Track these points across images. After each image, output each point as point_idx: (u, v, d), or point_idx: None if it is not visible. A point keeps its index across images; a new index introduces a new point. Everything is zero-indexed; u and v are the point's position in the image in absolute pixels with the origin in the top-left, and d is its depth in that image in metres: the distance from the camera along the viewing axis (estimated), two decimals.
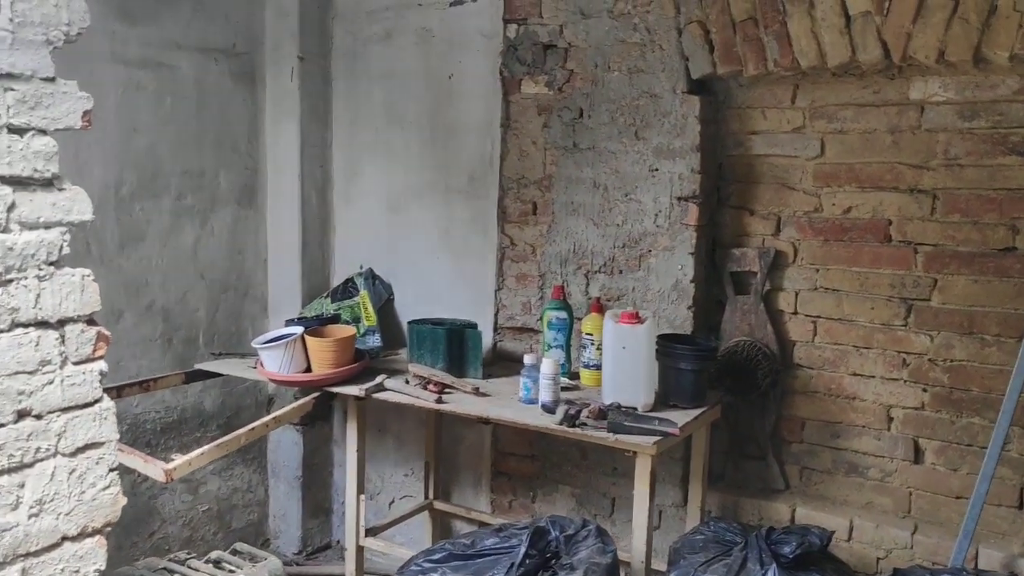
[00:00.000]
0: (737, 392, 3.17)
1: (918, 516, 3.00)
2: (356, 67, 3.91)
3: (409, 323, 3.39)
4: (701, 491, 3.14)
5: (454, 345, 3.25)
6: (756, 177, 3.19)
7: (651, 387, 2.84)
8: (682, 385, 2.91)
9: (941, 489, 2.96)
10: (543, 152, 3.45)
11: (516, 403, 2.94)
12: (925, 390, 2.96)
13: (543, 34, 3.40)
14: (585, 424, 2.66)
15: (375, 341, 3.66)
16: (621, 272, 3.31)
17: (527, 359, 2.96)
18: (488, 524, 3.30)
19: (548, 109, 3.42)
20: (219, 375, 3.49)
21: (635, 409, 2.78)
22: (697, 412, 2.86)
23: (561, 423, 2.68)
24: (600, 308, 3.19)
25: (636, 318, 2.83)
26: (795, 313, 3.17)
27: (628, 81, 3.23)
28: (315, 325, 3.34)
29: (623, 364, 2.82)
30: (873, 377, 3.04)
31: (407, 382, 3.11)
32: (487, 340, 3.47)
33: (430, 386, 3.04)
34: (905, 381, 2.99)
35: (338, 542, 4.10)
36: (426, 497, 3.78)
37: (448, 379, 3.09)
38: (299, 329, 3.21)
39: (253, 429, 2.89)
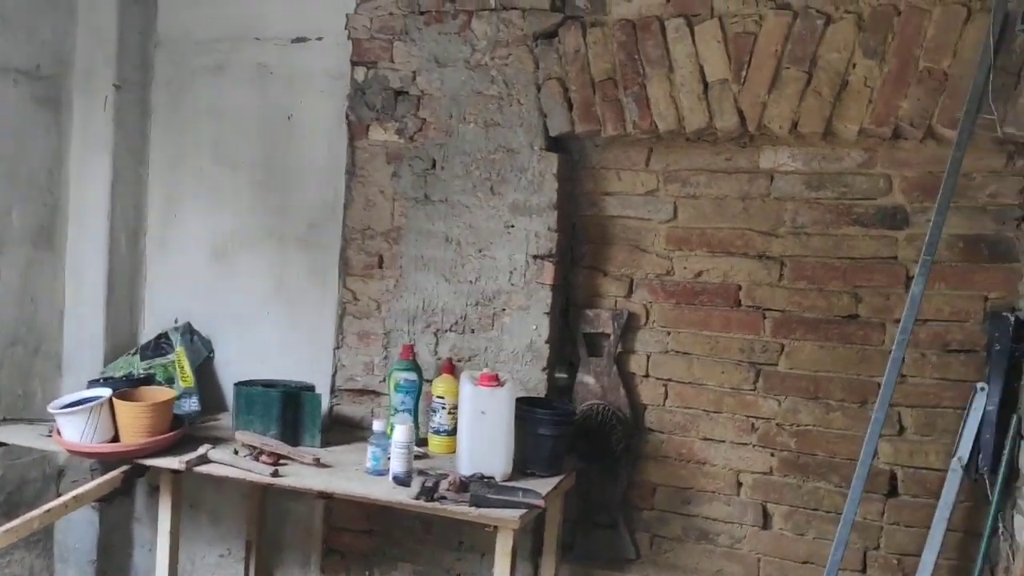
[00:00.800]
0: (591, 458, 3.06)
1: None
2: (181, 100, 3.56)
3: (236, 385, 3.04)
4: (554, 565, 2.98)
5: (288, 410, 2.94)
6: (610, 238, 3.14)
7: (510, 455, 2.67)
8: (540, 452, 2.76)
9: (789, 555, 2.97)
10: (391, 202, 3.25)
11: (363, 475, 2.67)
12: (773, 455, 2.97)
13: (394, 79, 3.23)
14: (445, 497, 2.44)
15: (192, 405, 3.26)
16: (473, 331, 3.14)
17: (376, 425, 2.70)
18: None
19: (398, 158, 3.23)
20: (2, 444, 2.96)
21: (494, 479, 2.59)
22: (556, 480, 2.72)
23: (418, 497, 2.44)
24: (452, 369, 3.01)
25: (496, 380, 2.66)
26: (647, 376, 3.12)
27: (485, 134, 3.11)
28: (125, 387, 2.92)
29: (481, 430, 2.63)
30: (723, 442, 3.03)
31: (235, 452, 2.76)
32: (323, 403, 3.17)
33: (263, 457, 2.71)
34: (754, 446, 2.99)
35: None
36: None
37: (283, 448, 2.77)
38: (106, 392, 2.78)
39: (49, 511, 2.44)
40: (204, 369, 3.45)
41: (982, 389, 2.60)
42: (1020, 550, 2.44)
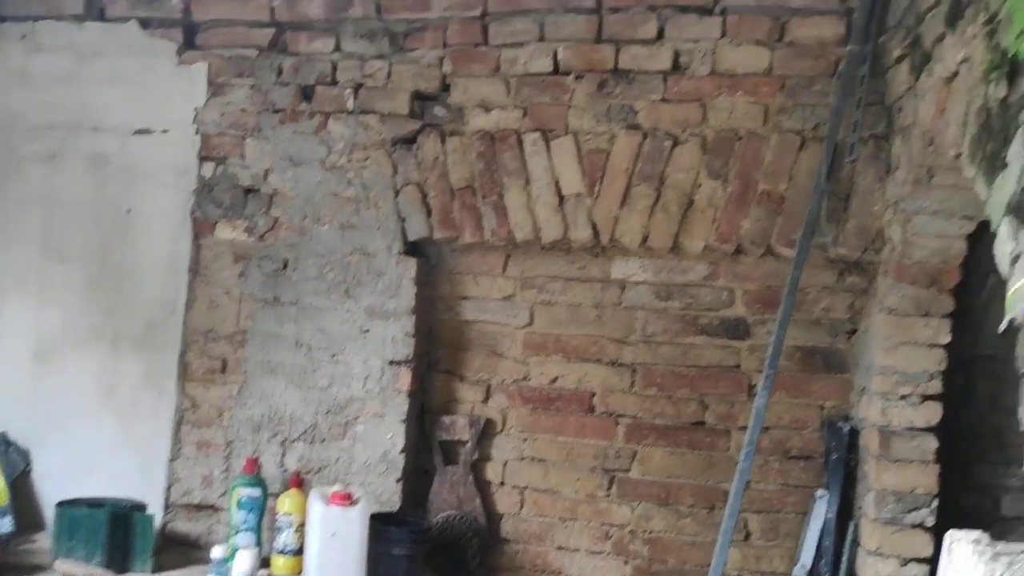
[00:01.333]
0: (446, 573, 2.96)
1: None
2: (6, 188, 3.29)
3: (58, 505, 2.77)
4: None
5: (117, 532, 2.70)
6: (467, 343, 3.12)
7: None
8: (393, 572, 2.64)
9: None
10: (237, 304, 3.11)
11: None
12: (627, 563, 2.98)
13: (245, 177, 3.12)
14: None
15: (6, 525, 2.93)
16: (324, 441, 3.01)
17: (215, 552, 2.51)
18: None
19: (246, 257, 3.10)
20: None
21: None
22: None
23: None
24: (300, 483, 2.86)
25: (348, 499, 2.55)
26: (503, 484, 3.08)
27: (340, 236, 3.04)
28: None
29: (332, 554, 2.51)
30: (578, 551, 3.01)
31: None
32: (156, 521, 2.92)
33: None
34: (608, 554, 2.99)
35: None
36: None
37: None
38: None
39: None
40: (20, 484, 3.12)
41: (821, 496, 2.71)
42: None
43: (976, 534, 1.42)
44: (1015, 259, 1.42)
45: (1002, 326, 1.20)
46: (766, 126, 2.76)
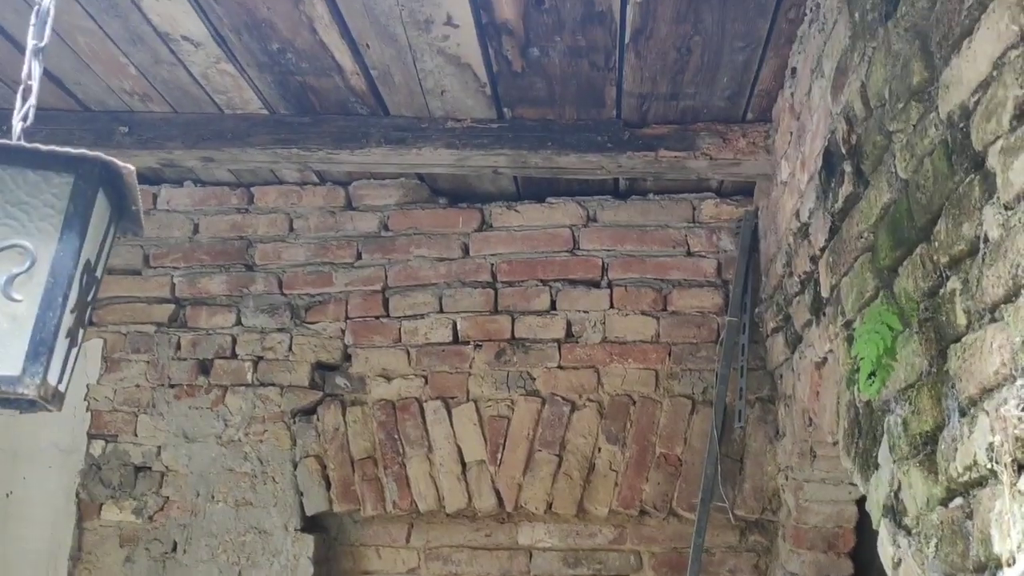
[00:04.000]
0: None
1: None
2: None
3: None
4: None
5: None
6: None
7: None
8: None
9: None
10: None
11: None
12: None
13: (136, 454, 3.02)
14: None
15: None
16: None
17: None
18: None
19: (134, 540, 2.93)
20: None
21: None
22: None
23: None
24: None
25: None
26: None
27: (235, 514, 2.92)
28: None
29: None
30: None
31: None
32: None
33: None
34: None
35: None
36: None
37: None
38: None
39: None
40: None
41: None
42: None
43: None
44: (896, 564, 1.47)
45: None
46: (658, 391, 2.88)
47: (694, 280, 2.95)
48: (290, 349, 3.06)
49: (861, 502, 2.47)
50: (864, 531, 2.57)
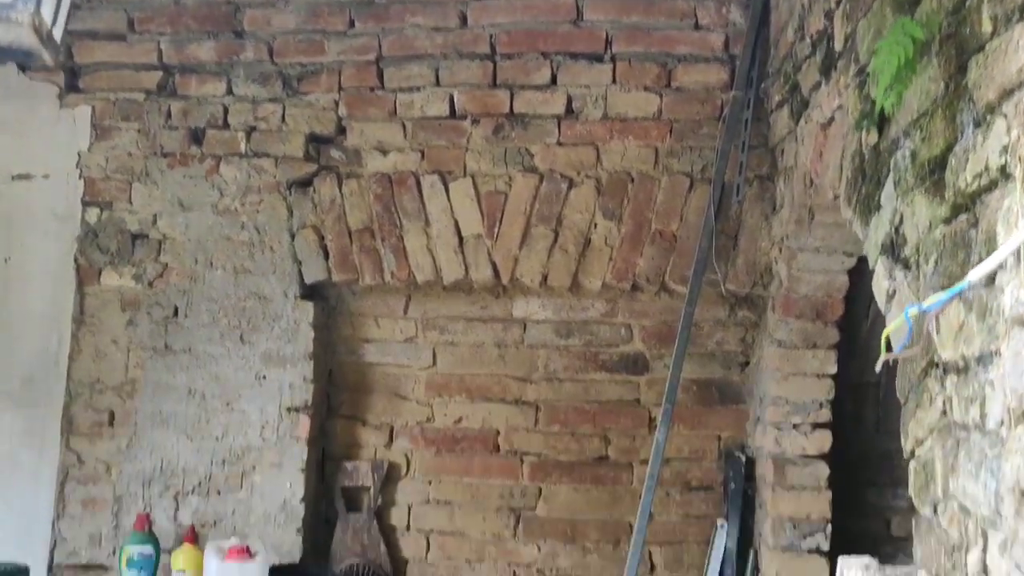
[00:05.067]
0: None
1: None
2: None
3: None
4: None
5: None
6: (369, 386, 3.07)
7: None
8: None
9: None
10: (126, 353, 2.98)
11: None
12: None
13: (132, 222, 3.02)
14: None
15: None
16: (219, 493, 2.90)
17: None
18: None
19: (135, 305, 2.99)
20: None
21: None
22: None
23: None
24: (194, 538, 2.75)
25: (246, 554, 2.46)
26: (408, 529, 3.03)
27: (234, 281, 2.96)
28: None
29: None
30: None
31: None
32: None
33: None
34: None
35: None
36: None
37: None
38: None
39: None
40: None
41: (722, 526, 2.78)
42: None
43: (866, 559, 1.48)
44: (891, 296, 1.51)
45: (877, 366, 1.26)
46: (657, 168, 2.86)
47: (700, 55, 2.86)
48: (283, 120, 3.00)
49: (852, 273, 2.53)
50: (851, 303, 2.65)
